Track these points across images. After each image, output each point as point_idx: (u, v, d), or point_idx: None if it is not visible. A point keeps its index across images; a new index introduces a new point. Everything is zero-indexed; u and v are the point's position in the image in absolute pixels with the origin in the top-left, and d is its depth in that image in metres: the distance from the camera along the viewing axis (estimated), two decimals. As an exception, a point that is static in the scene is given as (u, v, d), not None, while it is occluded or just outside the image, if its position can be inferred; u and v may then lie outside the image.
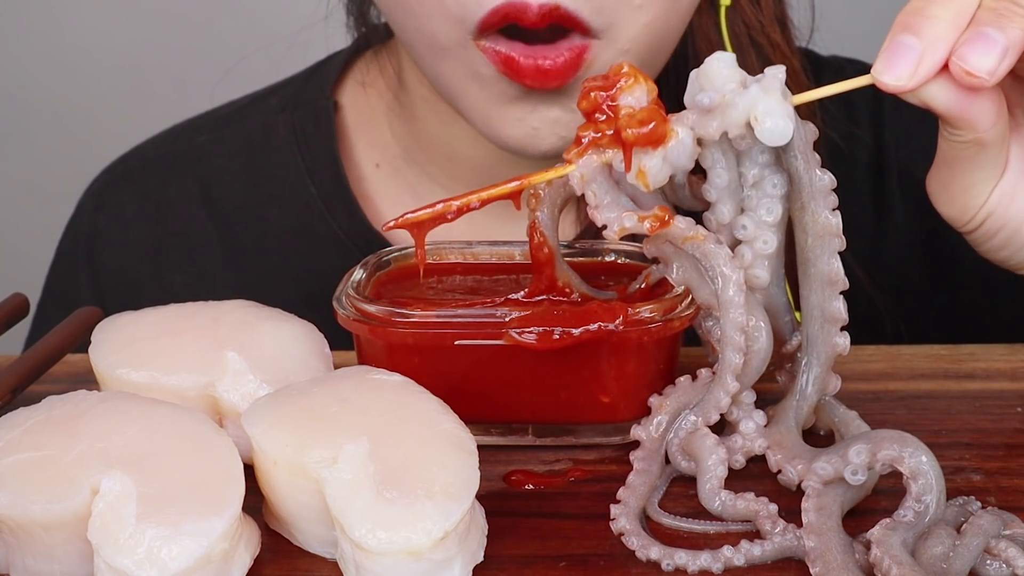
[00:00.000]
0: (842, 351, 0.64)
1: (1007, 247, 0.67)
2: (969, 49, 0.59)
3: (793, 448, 0.62)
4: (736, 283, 0.61)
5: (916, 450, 0.57)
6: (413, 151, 0.96)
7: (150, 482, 0.54)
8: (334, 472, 0.55)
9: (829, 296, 0.63)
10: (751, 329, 0.62)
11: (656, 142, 0.60)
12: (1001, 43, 0.59)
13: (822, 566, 0.55)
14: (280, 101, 1.01)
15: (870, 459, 0.58)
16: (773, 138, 0.59)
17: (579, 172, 0.62)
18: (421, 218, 0.62)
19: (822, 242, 0.62)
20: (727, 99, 0.59)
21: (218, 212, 0.99)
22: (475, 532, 0.57)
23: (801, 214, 0.62)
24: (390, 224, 0.62)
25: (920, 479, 0.57)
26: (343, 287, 0.68)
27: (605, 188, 0.62)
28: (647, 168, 0.60)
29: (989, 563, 0.56)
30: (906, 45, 0.59)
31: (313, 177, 0.97)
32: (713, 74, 0.60)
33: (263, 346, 0.66)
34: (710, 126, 0.60)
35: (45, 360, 0.73)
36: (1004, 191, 0.65)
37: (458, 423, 0.59)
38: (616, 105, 0.61)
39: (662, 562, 0.57)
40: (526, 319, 0.63)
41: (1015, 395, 0.72)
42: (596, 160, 0.62)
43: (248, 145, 1.00)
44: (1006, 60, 0.59)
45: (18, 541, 0.55)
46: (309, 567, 0.58)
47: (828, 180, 0.61)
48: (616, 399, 0.66)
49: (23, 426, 0.57)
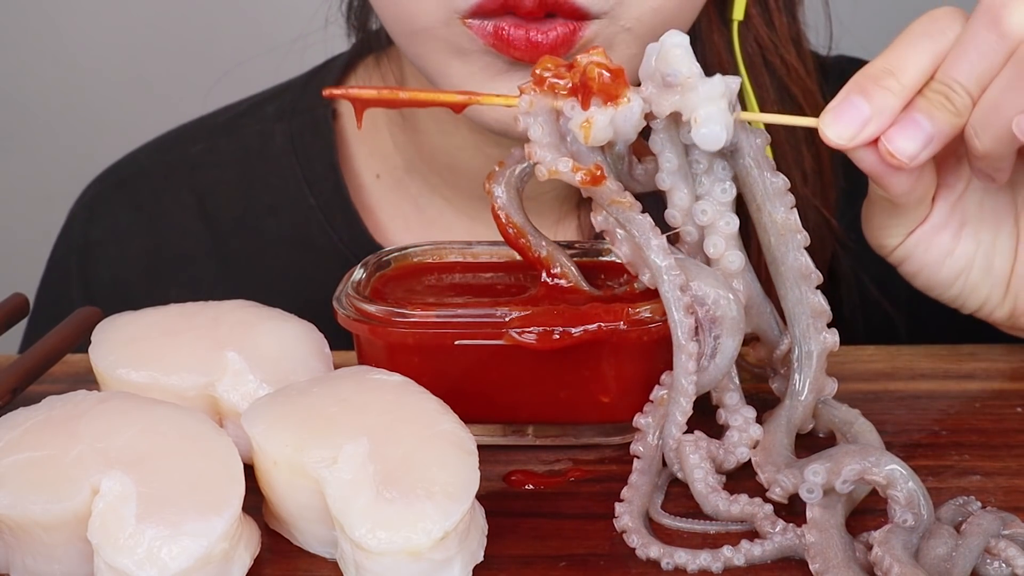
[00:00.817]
0: (832, 347, 0.65)
1: (935, 290, 0.71)
2: (897, 131, 0.62)
3: (777, 456, 0.62)
4: (661, 248, 0.61)
5: (880, 459, 0.57)
6: (415, 161, 0.94)
7: (150, 482, 0.54)
8: (334, 472, 0.55)
9: (806, 291, 0.64)
10: (715, 298, 0.62)
11: (613, 97, 0.61)
12: (927, 131, 0.62)
13: (822, 562, 0.55)
14: (277, 108, 0.99)
15: (828, 478, 0.58)
16: (705, 142, 0.61)
17: (529, 98, 0.62)
18: (364, 96, 0.64)
19: (785, 239, 0.64)
20: (689, 82, 0.60)
21: (214, 224, 0.97)
22: (475, 532, 0.57)
23: (759, 215, 0.64)
24: (333, 91, 0.64)
25: (898, 485, 0.57)
26: (343, 287, 0.68)
27: (549, 128, 0.62)
28: (594, 120, 0.61)
29: (989, 563, 0.56)
30: (856, 108, 0.62)
31: (312, 188, 0.95)
32: (672, 59, 0.61)
33: (263, 346, 0.66)
34: (664, 103, 0.61)
35: (45, 360, 0.73)
36: (919, 239, 0.69)
37: (458, 423, 0.59)
38: (577, 61, 0.62)
39: (661, 561, 0.57)
40: (526, 319, 0.63)
41: (1015, 395, 0.72)
42: (548, 101, 0.62)
43: (244, 154, 0.98)
44: (929, 147, 0.62)
45: (18, 541, 0.55)
46: (309, 567, 0.58)
47: (781, 182, 0.64)
48: (616, 399, 0.66)
49: (23, 426, 0.57)
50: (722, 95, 0.61)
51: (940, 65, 0.63)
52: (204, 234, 0.97)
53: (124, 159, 1.04)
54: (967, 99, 0.62)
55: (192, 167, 0.99)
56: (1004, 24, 0.61)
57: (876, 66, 0.63)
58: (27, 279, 1.06)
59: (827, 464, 0.58)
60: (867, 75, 0.62)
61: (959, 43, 0.62)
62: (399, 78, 0.93)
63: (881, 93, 0.62)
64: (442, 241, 0.73)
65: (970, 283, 0.70)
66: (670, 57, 0.61)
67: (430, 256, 0.72)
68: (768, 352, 0.67)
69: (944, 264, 0.69)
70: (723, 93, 0.61)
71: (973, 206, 0.70)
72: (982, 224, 0.70)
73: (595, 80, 0.61)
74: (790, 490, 0.59)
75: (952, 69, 0.62)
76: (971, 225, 0.70)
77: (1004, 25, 0.61)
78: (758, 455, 0.62)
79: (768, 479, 0.60)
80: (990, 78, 0.62)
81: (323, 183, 0.95)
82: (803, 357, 0.65)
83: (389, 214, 0.95)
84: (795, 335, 0.65)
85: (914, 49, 0.62)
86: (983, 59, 0.62)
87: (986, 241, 0.70)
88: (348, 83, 0.97)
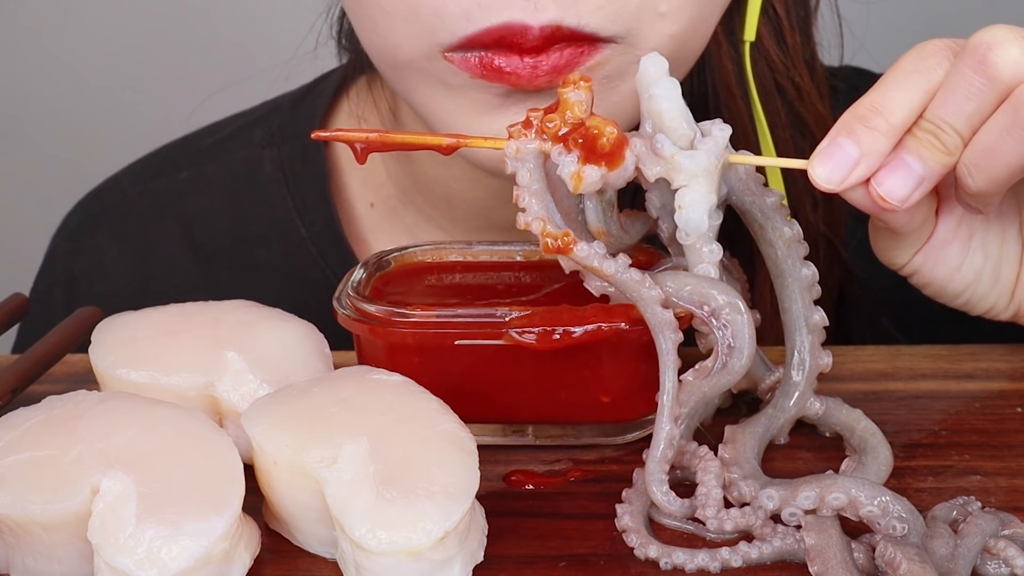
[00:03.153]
0: (825, 368, 0.65)
1: (944, 299, 0.70)
2: (887, 174, 0.61)
3: (744, 461, 0.62)
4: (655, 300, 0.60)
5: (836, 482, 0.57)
6: (409, 191, 0.89)
7: (150, 482, 0.54)
8: (334, 472, 0.55)
9: (808, 304, 0.65)
10: (722, 305, 0.61)
11: (612, 164, 0.60)
12: (918, 173, 0.61)
13: (821, 564, 0.55)
14: (266, 132, 0.94)
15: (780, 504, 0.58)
16: (687, 226, 0.61)
17: (515, 145, 0.61)
18: (352, 139, 0.62)
19: (791, 251, 0.64)
20: (676, 161, 0.60)
21: (202, 255, 0.93)
22: (475, 532, 0.57)
23: (763, 232, 0.65)
24: (320, 134, 0.62)
25: (863, 505, 0.57)
26: (343, 287, 0.68)
27: (537, 175, 0.61)
28: (585, 175, 0.60)
29: (990, 562, 0.56)
30: (845, 151, 0.60)
31: (303, 218, 0.91)
32: (660, 119, 0.60)
33: (263, 346, 0.66)
34: (652, 168, 0.60)
35: (45, 360, 0.73)
36: (927, 256, 0.68)
37: (458, 423, 0.59)
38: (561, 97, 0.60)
39: (660, 560, 0.57)
40: (526, 319, 0.63)
41: (1015, 395, 0.72)
42: (537, 144, 0.61)
43: (231, 181, 0.94)
44: (921, 189, 0.61)
45: (18, 541, 0.55)
46: (309, 567, 0.58)
47: (776, 198, 0.64)
48: (616, 399, 0.66)
49: (23, 426, 0.57)
50: (706, 170, 0.60)
51: (930, 103, 0.61)
52: (191, 266, 0.94)
53: (106, 184, 0.99)
54: (957, 139, 0.61)
55: (179, 195, 0.95)
56: (991, 67, 0.59)
57: (864, 105, 0.61)
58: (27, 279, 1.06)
59: (781, 491, 0.58)
60: (855, 115, 0.61)
61: (947, 83, 0.60)
62: (392, 105, 0.89)
63: (869, 135, 0.60)
64: (442, 241, 0.73)
65: (978, 293, 0.69)
66: (659, 118, 0.60)
67: (430, 256, 0.72)
68: (751, 383, 0.68)
69: (952, 279, 0.68)
70: (707, 168, 0.60)
71: (979, 217, 0.69)
72: (989, 234, 0.69)
73: (602, 147, 0.59)
74: (744, 499, 0.60)
75: (941, 109, 0.60)
76: (979, 236, 0.68)
77: (991, 68, 0.59)
78: (726, 451, 0.62)
79: (728, 479, 0.61)
80: (981, 119, 0.60)
81: (315, 213, 0.91)
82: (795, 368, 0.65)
83: (384, 244, 0.90)
84: (791, 347, 0.65)
85: (903, 87, 0.61)
86: (971, 101, 0.60)
87: (994, 252, 0.69)
88: (340, 107, 0.94)
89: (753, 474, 0.61)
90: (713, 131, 0.61)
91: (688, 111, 0.61)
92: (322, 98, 0.93)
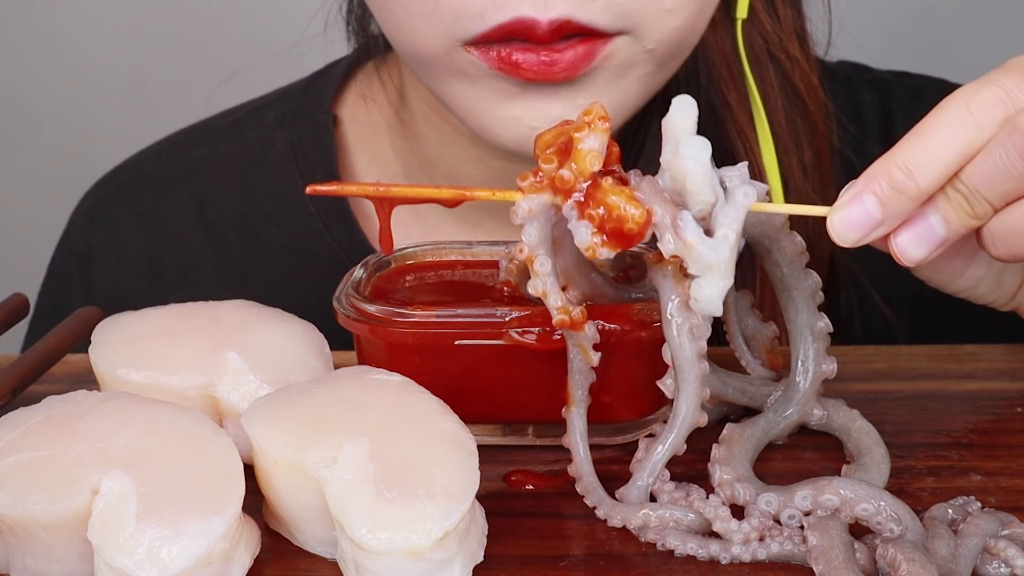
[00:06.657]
0: (829, 375, 0.65)
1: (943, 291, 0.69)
2: (909, 234, 0.59)
3: (737, 463, 0.62)
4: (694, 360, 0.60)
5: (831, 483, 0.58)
6: (415, 169, 0.93)
7: (150, 482, 0.54)
8: (334, 472, 0.55)
9: (814, 312, 0.65)
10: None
11: (628, 246, 0.58)
12: (940, 237, 0.59)
13: (825, 564, 0.55)
14: (277, 114, 0.98)
15: (777, 507, 0.58)
16: (704, 312, 0.59)
17: (527, 205, 0.59)
18: (347, 192, 0.63)
19: (796, 264, 0.65)
20: (696, 250, 0.57)
21: (214, 230, 0.97)
22: (475, 532, 0.57)
23: (770, 255, 0.64)
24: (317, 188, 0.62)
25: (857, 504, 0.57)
26: (343, 287, 0.68)
27: (545, 234, 0.59)
28: (600, 254, 0.58)
29: (990, 563, 0.56)
30: (867, 212, 0.58)
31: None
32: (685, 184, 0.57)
33: (263, 346, 0.66)
34: (668, 245, 0.58)
35: (45, 360, 0.73)
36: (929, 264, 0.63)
37: (458, 423, 0.59)
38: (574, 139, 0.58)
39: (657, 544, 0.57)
40: (526, 319, 0.63)
41: (1015, 395, 0.72)
42: (548, 199, 0.59)
43: (244, 161, 0.98)
44: (939, 250, 0.59)
45: (18, 541, 0.55)
46: (309, 567, 0.58)
47: (780, 220, 0.63)
48: (616, 399, 0.66)
49: (23, 426, 0.57)
50: (724, 263, 0.57)
51: (968, 163, 0.57)
52: (204, 241, 0.97)
53: (125, 164, 1.03)
54: (989, 209, 0.58)
55: (193, 173, 0.99)
56: None
57: (896, 161, 0.57)
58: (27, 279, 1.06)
59: (779, 495, 0.59)
60: (886, 171, 0.57)
61: (990, 153, 0.56)
62: (399, 85, 0.93)
63: (896, 200, 0.57)
64: (442, 241, 0.73)
65: (977, 294, 0.69)
66: (682, 179, 0.57)
67: (430, 256, 0.72)
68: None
69: (952, 282, 0.68)
70: (726, 260, 0.57)
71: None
72: None
73: (629, 230, 0.57)
74: (737, 502, 0.60)
75: (977, 178, 0.57)
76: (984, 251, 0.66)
77: None
78: (720, 451, 0.63)
79: (719, 479, 0.61)
80: (1016, 196, 0.58)
81: None
82: (800, 376, 0.65)
83: None
84: (796, 354, 0.65)
85: (941, 146, 0.57)
86: (1010, 181, 0.57)
87: (997, 264, 0.67)
88: (349, 88, 0.98)
89: (746, 477, 0.61)
90: (736, 197, 0.57)
91: (715, 175, 0.58)
92: (332, 81, 0.98)
